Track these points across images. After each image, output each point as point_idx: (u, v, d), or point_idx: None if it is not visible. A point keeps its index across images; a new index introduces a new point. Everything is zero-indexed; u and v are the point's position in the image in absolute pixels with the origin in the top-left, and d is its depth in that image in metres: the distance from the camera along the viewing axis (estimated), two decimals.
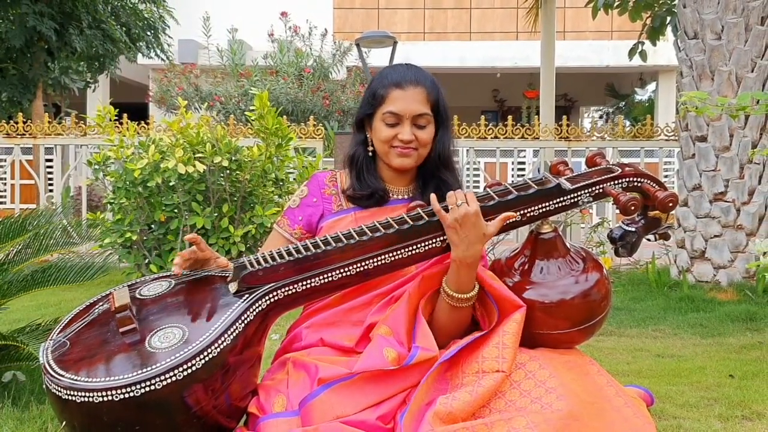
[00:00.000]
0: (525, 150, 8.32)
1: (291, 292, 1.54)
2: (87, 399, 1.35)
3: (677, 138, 5.72)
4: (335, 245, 1.55)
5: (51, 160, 7.60)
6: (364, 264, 1.55)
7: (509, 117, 7.07)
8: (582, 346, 1.64)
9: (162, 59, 10.43)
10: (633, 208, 1.52)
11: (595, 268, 1.62)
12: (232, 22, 11.68)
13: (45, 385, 1.44)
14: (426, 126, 1.73)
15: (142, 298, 1.59)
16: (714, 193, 5.02)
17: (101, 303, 1.61)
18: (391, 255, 1.56)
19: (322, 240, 1.57)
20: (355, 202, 1.78)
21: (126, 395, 1.34)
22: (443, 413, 1.37)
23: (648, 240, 1.68)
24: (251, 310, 1.49)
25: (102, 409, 1.35)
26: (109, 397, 1.34)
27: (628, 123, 13.06)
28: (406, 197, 1.80)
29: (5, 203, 8.02)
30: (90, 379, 1.37)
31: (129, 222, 4.02)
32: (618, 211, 1.59)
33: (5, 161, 7.85)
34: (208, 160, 3.88)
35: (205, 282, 1.62)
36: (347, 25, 15.09)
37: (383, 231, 1.56)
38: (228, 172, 4.02)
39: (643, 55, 7.75)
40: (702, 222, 5.07)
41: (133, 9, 9.77)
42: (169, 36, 10.50)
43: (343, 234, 1.57)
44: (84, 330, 1.53)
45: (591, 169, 1.65)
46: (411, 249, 1.57)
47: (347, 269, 1.55)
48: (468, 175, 7.38)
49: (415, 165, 1.76)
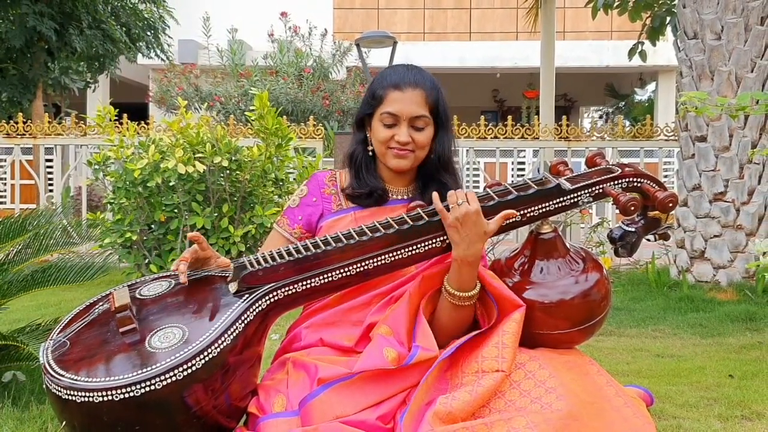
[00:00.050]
0: (525, 150, 8.32)
1: (291, 292, 1.54)
2: (87, 399, 1.35)
3: (677, 138, 5.72)
4: (335, 245, 1.55)
5: (51, 160, 7.60)
6: (364, 264, 1.55)
7: (509, 117, 7.08)
8: (582, 346, 1.64)
9: (162, 59, 10.43)
10: (633, 208, 1.52)
11: (595, 268, 1.62)
12: (232, 22, 11.68)
13: (45, 385, 1.44)
14: (424, 128, 1.72)
15: (142, 298, 1.59)
16: (714, 193, 5.02)
17: (101, 303, 1.62)
18: (391, 255, 1.56)
19: (322, 240, 1.57)
20: (355, 200, 1.78)
21: (126, 395, 1.35)
22: (443, 413, 1.37)
23: (648, 240, 1.68)
24: (251, 310, 1.49)
25: (102, 409, 1.36)
26: (109, 397, 1.35)
27: (627, 123, 13.08)
28: (405, 197, 1.80)
29: (5, 203, 8.02)
30: (90, 379, 1.37)
31: (129, 222, 4.02)
32: (618, 212, 1.59)
33: (5, 161, 7.85)
34: (208, 160, 3.88)
35: (205, 282, 1.62)
36: (347, 26, 15.09)
37: (383, 231, 1.56)
38: (228, 172, 4.02)
39: (643, 55, 7.75)
40: (702, 222, 5.07)
41: (133, 9, 9.77)
42: (169, 36, 10.49)
43: (343, 234, 1.57)
44: (84, 330, 1.54)
45: (591, 170, 1.65)
46: (411, 249, 1.57)
47: (347, 269, 1.55)
48: (468, 175, 7.38)
49: (412, 167, 1.76)
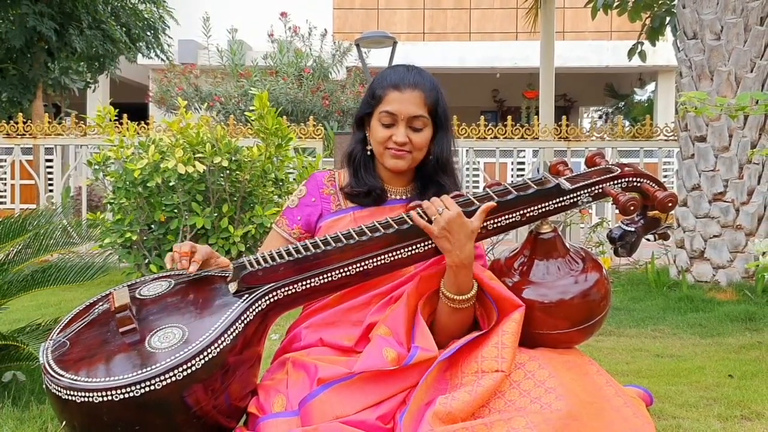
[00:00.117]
0: (524, 150, 8.32)
1: (291, 292, 1.54)
2: (87, 399, 1.35)
3: (676, 138, 5.73)
4: (335, 245, 1.55)
5: (51, 160, 7.60)
6: (363, 264, 1.55)
7: (509, 117, 7.08)
8: (581, 346, 1.64)
9: (162, 59, 10.43)
10: (632, 208, 1.52)
11: (595, 268, 1.62)
12: (232, 22, 11.69)
13: (45, 385, 1.44)
14: (422, 129, 1.72)
15: (142, 298, 1.59)
16: (713, 193, 5.03)
17: (101, 303, 1.62)
18: (391, 255, 1.56)
19: (321, 240, 1.57)
20: (353, 200, 1.78)
21: (126, 395, 1.35)
22: (443, 413, 1.37)
23: (647, 240, 1.69)
24: (251, 310, 1.49)
25: (102, 409, 1.36)
26: (109, 397, 1.35)
27: (627, 123, 13.10)
28: (404, 198, 1.80)
29: (5, 203, 8.02)
30: (90, 379, 1.37)
31: (129, 222, 4.02)
32: (617, 211, 1.59)
33: (5, 161, 7.85)
34: (207, 160, 3.88)
35: (205, 282, 1.62)
36: (347, 26, 15.09)
37: (383, 231, 1.56)
38: (228, 172, 4.03)
39: (643, 56, 7.75)
40: (701, 222, 5.07)
41: (133, 9, 9.77)
42: (169, 36, 10.50)
43: (343, 234, 1.57)
44: (84, 330, 1.54)
45: (590, 169, 1.65)
46: (411, 249, 1.57)
47: (347, 269, 1.55)
48: (467, 176, 7.38)
49: (409, 167, 1.75)
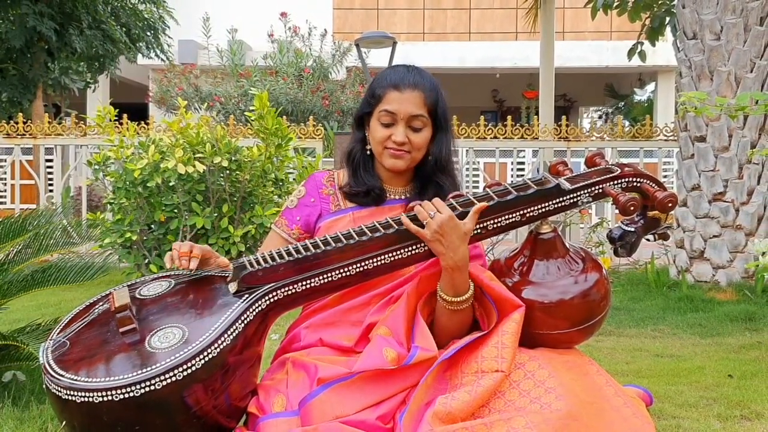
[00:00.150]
0: (524, 150, 8.33)
1: (291, 292, 1.54)
2: (87, 399, 1.36)
3: (676, 138, 5.73)
4: (335, 245, 1.55)
5: (51, 160, 7.60)
6: (363, 264, 1.55)
7: (508, 117, 7.08)
8: (581, 346, 1.64)
9: (162, 59, 10.43)
10: (632, 208, 1.52)
11: (595, 268, 1.62)
12: (231, 22, 11.69)
13: (45, 385, 1.44)
14: (421, 129, 1.72)
15: (142, 298, 1.59)
16: (713, 194, 5.03)
17: (101, 303, 1.62)
18: (391, 255, 1.56)
19: (321, 240, 1.57)
20: (352, 199, 1.78)
21: (126, 395, 1.35)
22: (442, 413, 1.37)
23: (647, 240, 1.69)
24: (251, 310, 1.50)
25: (102, 409, 1.36)
26: (109, 397, 1.35)
27: (627, 123, 13.09)
28: (403, 198, 1.79)
29: (5, 203, 8.03)
30: (90, 379, 1.37)
31: (129, 222, 4.02)
32: (617, 212, 1.59)
33: (5, 161, 7.86)
34: (207, 160, 3.88)
35: (205, 282, 1.62)
36: (347, 26, 15.09)
37: (383, 231, 1.56)
38: (228, 172, 4.03)
39: (642, 56, 7.75)
40: (701, 222, 5.07)
41: (133, 9, 9.77)
42: (169, 36, 10.49)
43: (343, 234, 1.57)
44: (84, 330, 1.54)
45: (590, 170, 1.65)
46: (411, 249, 1.57)
47: (347, 269, 1.55)
48: (467, 176, 7.38)
49: (407, 168, 1.75)
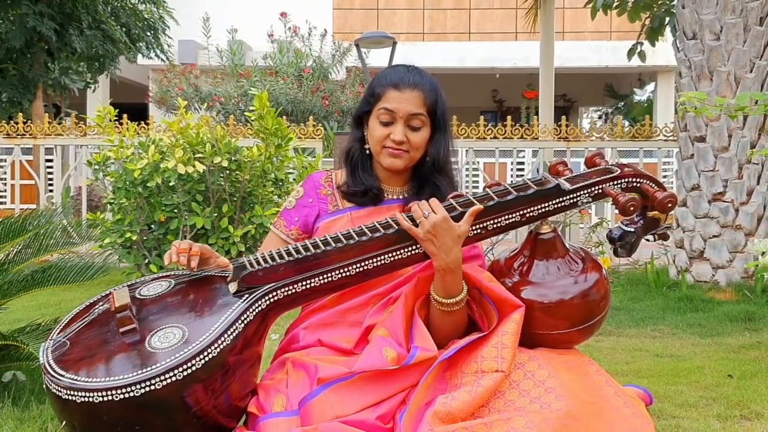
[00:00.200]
0: (524, 150, 8.33)
1: (291, 292, 1.54)
2: (87, 399, 1.36)
3: (676, 138, 5.73)
4: (335, 245, 1.55)
5: (51, 160, 7.60)
6: (363, 264, 1.55)
7: (508, 117, 7.08)
8: (581, 346, 1.64)
9: (162, 60, 10.43)
10: (632, 208, 1.52)
11: (594, 268, 1.62)
12: (231, 22, 11.68)
13: (45, 385, 1.44)
14: (420, 128, 1.72)
15: (142, 298, 1.59)
16: (713, 194, 5.03)
17: (101, 303, 1.62)
18: (391, 255, 1.56)
19: (321, 240, 1.57)
20: (350, 199, 1.79)
21: (126, 395, 1.35)
22: (442, 413, 1.38)
23: (647, 240, 1.69)
24: (251, 310, 1.50)
25: (102, 409, 1.36)
26: (109, 397, 1.35)
27: (627, 123, 13.09)
28: (401, 198, 1.80)
29: (5, 203, 8.02)
30: (90, 379, 1.37)
31: (129, 222, 4.02)
32: (617, 212, 1.59)
33: (5, 161, 7.85)
34: (207, 160, 3.88)
35: (205, 282, 1.62)
36: (347, 26, 15.09)
37: (382, 231, 1.56)
38: (228, 172, 4.03)
39: (642, 56, 7.76)
40: (701, 222, 5.07)
41: (133, 9, 9.77)
42: (169, 36, 10.49)
43: (343, 234, 1.57)
44: (84, 330, 1.54)
45: (590, 170, 1.65)
46: (411, 249, 1.57)
47: (347, 269, 1.55)
48: (467, 176, 7.38)
49: (406, 167, 1.75)
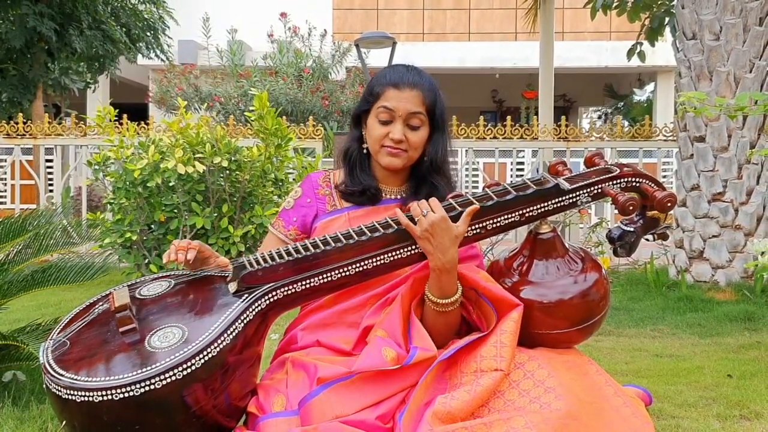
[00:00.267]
0: (524, 150, 8.33)
1: (290, 291, 1.54)
2: (87, 398, 1.36)
3: (676, 138, 5.73)
4: (334, 245, 1.55)
5: (51, 160, 7.60)
6: (363, 264, 1.56)
7: (508, 117, 7.08)
8: (581, 345, 1.65)
9: (162, 60, 10.42)
10: (631, 208, 1.53)
11: (594, 268, 1.62)
12: (231, 22, 11.68)
13: (45, 385, 1.44)
14: (419, 127, 1.72)
15: (141, 298, 1.60)
16: (712, 194, 5.03)
17: (101, 303, 1.62)
18: (390, 255, 1.57)
19: (321, 240, 1.57)
20: (348, 199, 1.79)
21: (126, 395, 1.35)
22: (442, 413, 1.38)
23: (646, 240, 1.69)
24: (251, 309, 1.50)
25: (102, 409, 1.36)
26: (109, 397, 1.35)
27: (626, 123, 13.09)
28: (398, 197, 1.80)
29: (5, 203, 8.02)
30: (90, 379, 1.37)
31: (129, 222, 4.02)
32: (616, 211, 1.59)
33: (5, 161, 7.85)
34: (207, 160, 3.88)
35: (205, 282, 1.62)
36: (346, 26, 15.10)
37: (382, 231, 1.56)
38: (227, 172, 4.03)
39: (642, 56, 7.76)
40: (700, 222, 5.07)
41: (133, 10, 9.77)
42: (169, 36, 10.49)
43: (342, 234, 1.57)
44: (84, 330, 1.54)
45: (589, 170, 1.65)
46: (410, 249, 1.57)
47: (346, 269, 1.55)
48: (467, 176, 7.38)
49: (404, 166, 1.75)
